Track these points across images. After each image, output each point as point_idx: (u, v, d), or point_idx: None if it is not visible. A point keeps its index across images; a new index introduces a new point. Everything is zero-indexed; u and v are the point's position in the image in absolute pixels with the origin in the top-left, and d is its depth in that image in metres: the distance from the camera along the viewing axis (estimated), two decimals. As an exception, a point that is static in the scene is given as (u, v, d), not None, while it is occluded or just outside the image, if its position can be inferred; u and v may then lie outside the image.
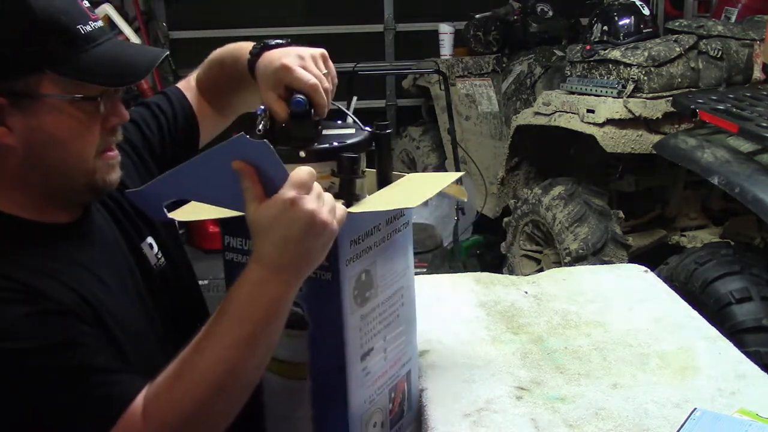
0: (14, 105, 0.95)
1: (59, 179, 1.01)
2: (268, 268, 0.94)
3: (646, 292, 1.73)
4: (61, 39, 0.96)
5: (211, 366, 0.92)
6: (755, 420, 1.20)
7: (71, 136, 0.99)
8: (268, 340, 0.97)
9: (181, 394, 0.92)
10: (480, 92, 4.01)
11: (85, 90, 0.98)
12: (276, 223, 0.93)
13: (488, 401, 1.32)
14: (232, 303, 0.95)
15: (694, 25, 3.19)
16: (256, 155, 0.94)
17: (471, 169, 4.03)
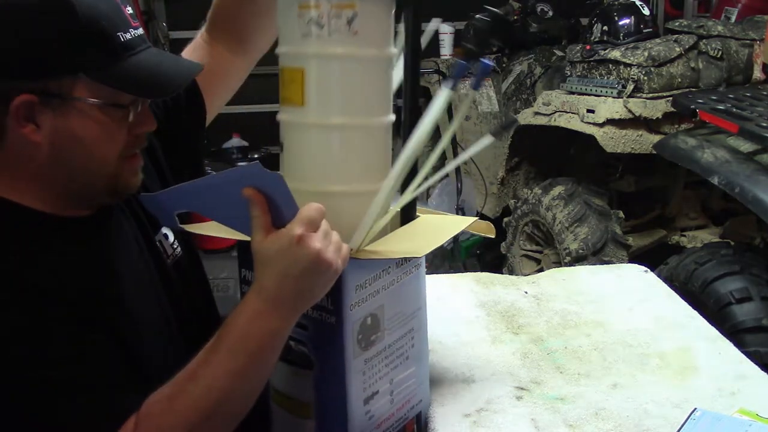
0: (45, 104, 0.95)
1: (81, 179, 1.02)
2: (266, 301, 0.95)
3: (646, 292, 1.73)
4: (100, 45, 0.96)
5: (203, 394, 0.93)
6: (755, 420, 1.20)
7: (97, 140, 1.00)
8: (261, 372, 0.98)
9: (173, 419, 0.93)
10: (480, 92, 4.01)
11: (117, 97, 0.99)
12: (280, 257, 0.94)
13: (488, 401, 1.32)
14: (228, 333, 0.95)
15: (694, 25, 3.19)
16: (269, 185, 0.94)
17: (471, 169, 4.03)
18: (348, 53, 1.07)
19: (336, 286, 0.99)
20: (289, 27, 1.09)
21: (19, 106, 0.93)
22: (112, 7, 0.98)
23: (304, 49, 1.08)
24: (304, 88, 1.08)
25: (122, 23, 0.99)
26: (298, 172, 1.11)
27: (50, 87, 0.95)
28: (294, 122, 1.11)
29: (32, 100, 0.94)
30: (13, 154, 0.98)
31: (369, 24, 1.06)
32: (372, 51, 1.08)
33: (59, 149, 0.98)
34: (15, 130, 0.95)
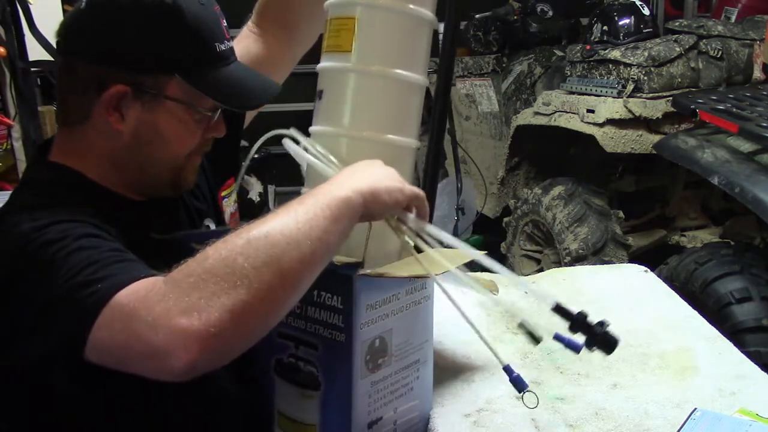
0: (136, 97, 1.01)
1: (151, 170, 1.07)
2: (336, 179, 0.97)
3: (646, 292, 1.73)
4: (199, 51, 1.02)
5: (244, 229, 0.87)
6: (755, 420, 1.20)
7: (176, 138, 1.06)
8: (311, 227, 0.88)
9: (207, 247, 0.87)
10: (480, 92, 4.01)
11: (202, 101, 1.05)
12: (352, 168, 1.00)
13: (488, 401, 1.32)
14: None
15: (694, 25, 3.19)
16: None
17: (471, 169, 4.03)
18: (396, 6, 1.13)
19: (347, 304, 1.00)
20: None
21: (113, 95, 0.99)
22: (214, 19, 1.05)
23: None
24: (355, 35, 1.13)
25: (220, 35, 1.05)
26: (336, 117, 1.15)
27: (145, 82, 1.00)
28: (340, 68, 1.15)
29: (126, 91, 1.00)
30: (95, 135, 1.03)
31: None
32: (418, 10, 1.14)
33: (139, 140, 1.03)
34: (101, 115, 1.01)
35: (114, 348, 0.84)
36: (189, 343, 0.79)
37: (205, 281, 0.82)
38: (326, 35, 1.17)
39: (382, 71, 1.14)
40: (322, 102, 1.17)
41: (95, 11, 1.01)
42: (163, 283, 0.83)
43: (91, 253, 0.89)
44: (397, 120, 1.18)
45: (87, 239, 0.91)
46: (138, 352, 0.82)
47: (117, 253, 0.91)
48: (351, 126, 1.14)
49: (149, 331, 0.80)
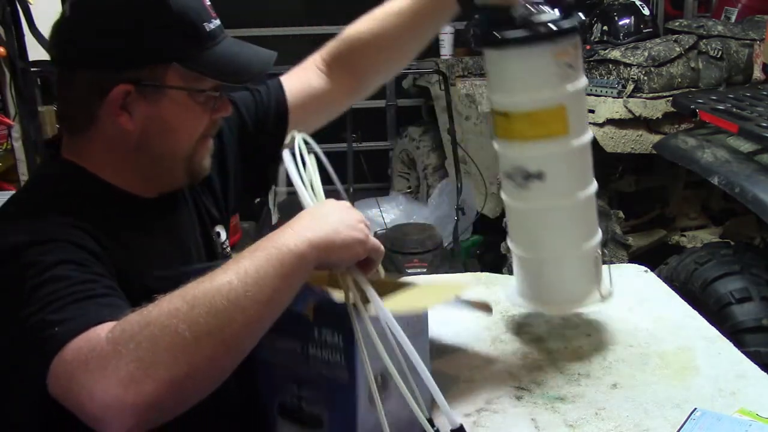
0: (139, 93, 1.01)
1: (165, 163, 1.08)
2: (290, 226, 0.94)
3: (646, 292, 1.73)
4: (189, 34, 1.02)
5: (192, 286, 0.86)
6: (755, 420, 1.20)
7: (183, 125, 1.06)
8: (260, 288, 0.87)
9: (153, 305, 0.85)
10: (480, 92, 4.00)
11: (202, 83, 1.05)
12: (323, 205, 1.00)
13: (488, 401, 1.32)
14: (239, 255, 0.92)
15: (694, 25, 3.19)
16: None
17: (471, 169, 4.03)
18: (585, 83, 1.37)
19: (348, 341, 0.99)
20: (543, 75, 1.32)
21: (117, 96, 0.99)
22: (197, 0, 1.05)
23: (564, 90, 1.33)
24: (568, 121, 1.33)
25: (206, 14, 1.05)
26: (562, 192, 1.38)
27: (145, 76, 1.01)
28: (559, 151, 1.35)
29: (129, 89, 1.00)
30: (103, 138, 1.04)
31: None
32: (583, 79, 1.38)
33: (148, 135, 1.04)
34: (109, 118, 1.02)
35: (62, 400, 0.85)
36: (124, 415, 0.80)
37: (145, 350, 0.81)
38: (531, 124, 1.33)
39: (588, 141, 1.40)
40: (543, 183, 1.35)
41: (80, 16, 1.02)
42: (105, 343, 0.82)
43: (58, 287, 0.88)
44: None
45: (62, 266, 0.90)
46: (78, 411, 0.83)
47: (85, 285, 0.90)
48: (573, 192, 1.41)
49: (86, 397, 0.81)
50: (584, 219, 1.46)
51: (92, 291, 0.90)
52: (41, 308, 0.87)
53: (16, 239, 0.92)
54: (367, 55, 1.37)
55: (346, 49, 1.37)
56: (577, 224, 1.46)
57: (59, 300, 0.87)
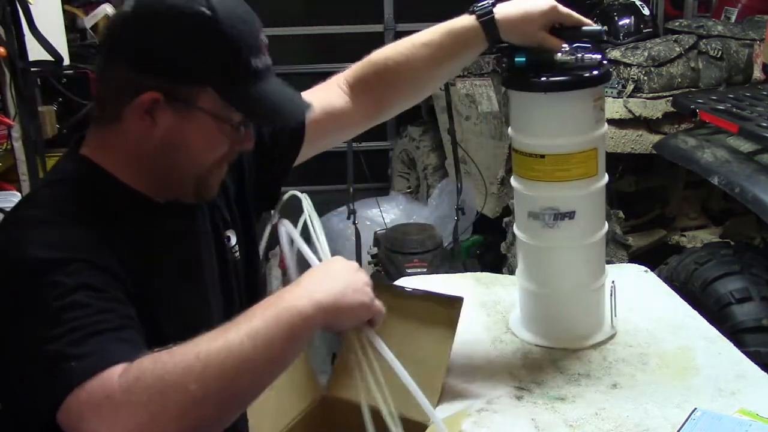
0: (168, 104, 1.02)
1: (176, 176, 1.09)
2: (298, 285, 0.97)
3: (646, 292, 1.73)
4: (233, 65, 1.03)
5: (206, 340, 0.90)
6: (755, 420, 1.20)
7: (203, 148, 1.07)
8: (269, 349, 0.91)
9: (168, 356, 0.89)
10: (480, 92, 4.00)
11: (232, 115, 1.05)
12: (329, 264, 1.03)
13: (488, 401, 1.32)
14: (247, 312, 0.95)
15: (694, 25, 3.19)
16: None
17: (471, 169, 4.03)
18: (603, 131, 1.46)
19: None
20: (584, 120, 1.39)
21: (146, 100, 1.00)
22: (252, 33, 1.05)
23: (598, 132, 1.42)
24: (598, 161, 1.42)
25: (257, 50, 1.06)
26: (589, 229, 1.46)
27: (179, 91, 1.02)
28: (589, 191, 1.44)
29: (158, 97, 1.01)
30: (125, 135, 1.05)
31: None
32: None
33: (167, 145, 1.05)
34: (133, 117, 1.02)
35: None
36: None
37: (157, 404, 0.85)
38: (565, 165, 1.39)
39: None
40: (576, 221, 1.43)
41: (138, 17, 1.02)
42: (118, 391, 0.85)
43: (78, 314, 0.90)
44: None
45: (84, 292, 0.92)
46: None
47: (104, 316, 0.92)
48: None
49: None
50: (601, 254, 1.52)
51: (111, 323, 0.92)
52: (60, 336, 0.89)
53: (40, 253, 0.93)
54: (392, 83, 1.38)
55: (372, 74, 1.38)
56: (597, 259, 1.51)
57: (79, 330, 0.89)
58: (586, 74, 1.36)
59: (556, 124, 1.40)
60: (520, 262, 1.54)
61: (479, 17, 1.34)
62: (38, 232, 0.95)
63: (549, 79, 1.36)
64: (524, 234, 1.49)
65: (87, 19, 3.51)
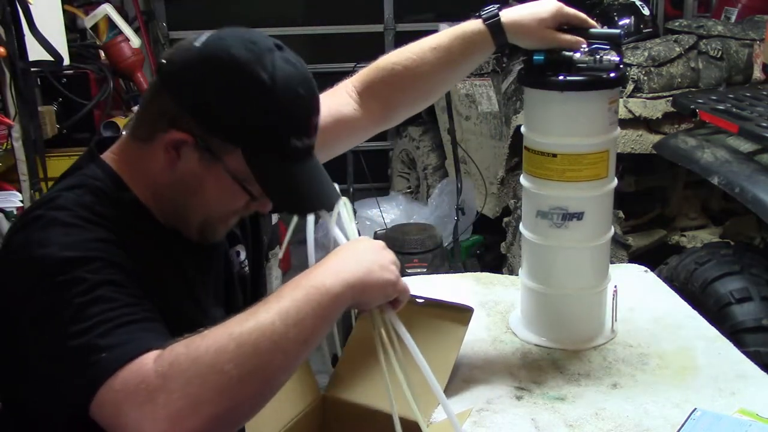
0: (196, 148, 1.02)
1: (183, 213, 1.08)
2: (325, 265, 0.98)
3: (646, 292, 1.73)
4: (272, 141, 1.02)
5: (237, 322, 0.91)
6: (755, 420, 1.20)
7: (217, 199, 1.07)
8: (300, 329, 0.91)
9: (200, 339, 0.89)
10: (480, 92, 4.00)
11: (254, 187, 1.04)
12: (357, 243, 1.03)
13: (488, 401, 1.32)
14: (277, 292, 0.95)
15: (694, 25, 3.19)
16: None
17: (471, 169, 4.03)
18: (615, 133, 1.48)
19: None
20: (598, 121, 1.40)
21: (176, 137, 1.01)
22: (305, 111, 1.04)
23: (611, 134, 1.43)
24: (609, 164, 1.44)
25: (304, 130, 1.04)
26: (596, 231, 1.47)
27: (210, 140, 1.01)
28: (599, 193, 1.45)
29: (189, 140, 1.01)
30: (150, 159, 1.05)
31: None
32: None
33: (183, 185, 1.05)
34: (161, 147, 1.03)
35: (104, 425, 0.88)
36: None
37: (194, 386, 0.85)
38: (576, 166, 1.40)
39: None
40: (585, 222, 1.44)
41: (201, 58, 1.01)
42: (153, 377, 0.86)
43: (104, 308, 0.91)
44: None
45: (108, 287, 0.92)
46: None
47: (130, 308, 0.93)
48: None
49: (133, 429, 0.85)
50: (606, 257, 1.52)
51: (136, 315, 0.93)
52: (88, 329, 0.89)
53: (62, 253, 0.93)
54: (401, 87, 1.39)
55: (380, 79, 1.39)
56: (602, 262, 1.52)
57: (106, 323, 0.90)
58: (604, 76, 1.37)
59: (570, 123, 1.40)
60: (525, 261, 1.54)
61: (486, 20, 1.35)
62: (61, 233, 0.95)
63: (566, 78, 1.37)
64: (531, 233, 1.49)
65: (87, 19, 3.52)
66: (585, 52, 1.36)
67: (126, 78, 3.65)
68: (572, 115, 1.39)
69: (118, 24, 3.55)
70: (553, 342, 1.50)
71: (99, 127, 3.17)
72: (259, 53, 1.00)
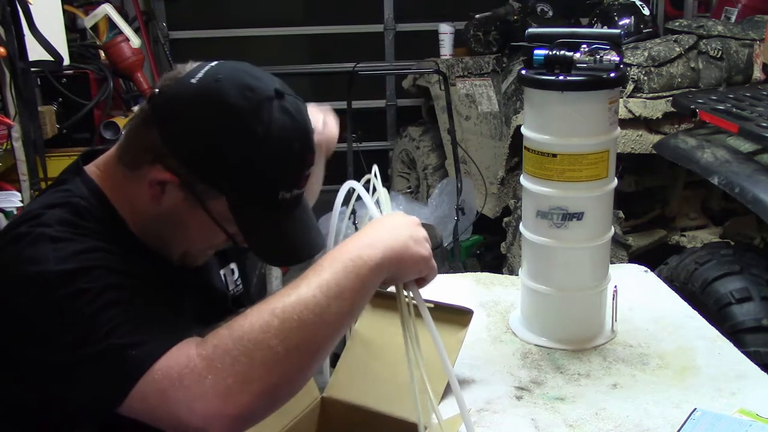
0: (180, 189, 1.00)
1: (165, 242, 1.07)
2: (359, 237, 0.98)
3: (646, 292, 1.73)
4: (258, 193, 1.00)
5: (278, 298, 0.91)
6: (755, 420, 1.20)
7: (198, 236, 1.06)
8: (341, 301, 0.92)
9: (242, 319, 0.90)
10: (480, 92, 4.00)
11: (236, 232, 1.03)
12: (392, 218, 1.03)
13: (488, 401, 1.32)
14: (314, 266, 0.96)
15: (694, 25, 3.19)
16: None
17: (471, 169, 4.03)
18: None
19: None
20: (598, 121, 1.41)
21: (161, 175, 0.99)
22: (296, 167, 1.02)
23: (611, 135, 1.44)
24: (609, 164, 1.44)
25: (292, 182, 1.02)
26: (596, 231, 1.48)
27: (196, 185, 0.99)
28: (599, 193, 1.46)
29: (174, 182, 0.99)
30: (134, 186, 1.03)
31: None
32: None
33: (166, 218, 1.03)
34: (146, 180, 1.00)
35: (148, 417, 0.89)
36: (223, 424, 0.86)
37: (241, 363, 0.87)
38: (576, 166, 1.41)
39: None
40: (585, 222, 1.45)
41: (193, 98, 0.98)
42: (198, 360, 0.87)
43: (117, 312, 0.90)
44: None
45: (113, 292, 0.92)
46: (173, 426, 0.88)
47: (142, 309, 0.92)
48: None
49: (186, 411, 0.86)
50: (606, 257, 1.53)
51: (152, 313, 0.93)
52: (107, 334, 0.89)
53: (59, 267, 0.92)
54: None
55: None
56: (602, 262, 1.52)
57: (124, 324, 0.90)
58: (604, 76, 1.37)
59: (570, 123, 1.40)
60: (525, 260, 1.54)
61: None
62: (51, 248, 0.94)
63: (566, 78, 1.37)
64: (531, 233, 1.49)
65: (87, 19, 3.52)
66: (585, 51, 1.36)
67: (126, 78, 3.65)
68: (572, 115, 1.39)
69: (118, 24, 3.54)
70: (553, 342, 1.50)
71: (99, 127, 3.18)
72: (257, 102, 0.97)
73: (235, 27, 4.64)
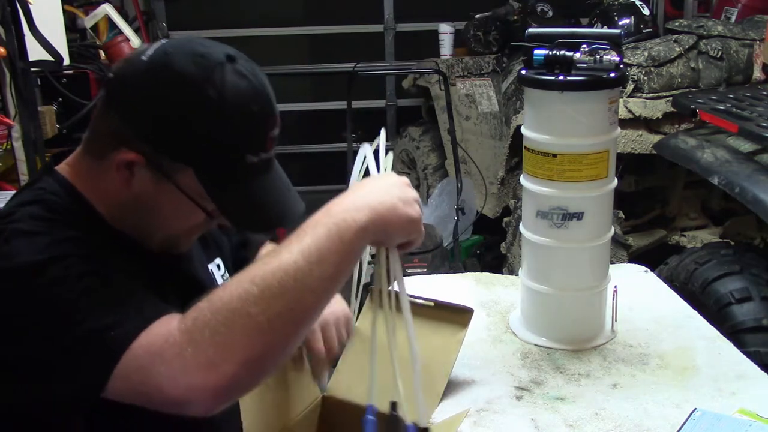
0: (147, 168, 0.98)
1: (143, 228, 1.05)
2: (348, 196, 0.94)
3: (646, 292, 1.73)
4: (224, 159, 0.98)
5: (258, 266, 0.89)
6: (755, 420, 1.20)
7: (174, 217, 1.04)
8: (324, 266, 0.89)
9: (221, 290, 0.88)
10: (480, 92, 4.00)
11: (208, 204, 1.01)
12: (378, 180, 0.99)
13: (488, 401, 1.32)
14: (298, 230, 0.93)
15: (694, 25, 3.19)
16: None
17: (471, 169, 4.03)
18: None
19: None
20: (598, 121, 1.41)
21: (127, 157, 0.97)
22: (260, 128, 0.99)
23: (611, 135, 1.44)
24: (609, 164, 1.44)
25: (259, 144, 1.00)
26: (596, 231, 1.48)
27: (162, 162, 0.97)
28: (599, 193, 1.46)
29: (140, 161, 0.97)
30: (104, 175, 1.01)
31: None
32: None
33: (139, 203, 1.01)
34: (114, 166, 0.99)
35: (132, 395, 0.88)
36: (207, 396, 0.85)
37: (220, 334, 0.84)
38: (576, 166, 1.41)
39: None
40: (584, 222, 1.45)
41: (145, 73, 0.97)
42: (178, 334, 0.86)
43: (95, 298, 0.89)
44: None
45: (89, 278, 0.91)
46: (158, 401, 0.87)
47: (121, 289, 0.92)
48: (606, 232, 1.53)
49: (168, 385, 0.85)
50: (606, 257, 1.53)
51: (131, 293, 0.92)
52: (84, 320, 0.88)
53: (32, 258, 0.91)
54: None
55: None
56: (602, 262, 1.52)
57: (102, 306, 0.89)
58: (604, 76, 1.37)
59: (570, 123, 1.40)
60: (525, 261, 1.54)
61: None
62: (25, 242, 0.93)
63: (566, 78, 1.37)
64: (531, 233, 1.49)
65: (87, 19, 3.52)
66: (585, 52, 1.36)
67: (126, 78, 3.65)
68: (572, 115, 1.39)
69: (118, 24, 3.54)
70: (553, 342, 1.50)
71: (99, 127, 3.17)
72: (208, 67, 0.95)
73: (235, 27, 4.64)
